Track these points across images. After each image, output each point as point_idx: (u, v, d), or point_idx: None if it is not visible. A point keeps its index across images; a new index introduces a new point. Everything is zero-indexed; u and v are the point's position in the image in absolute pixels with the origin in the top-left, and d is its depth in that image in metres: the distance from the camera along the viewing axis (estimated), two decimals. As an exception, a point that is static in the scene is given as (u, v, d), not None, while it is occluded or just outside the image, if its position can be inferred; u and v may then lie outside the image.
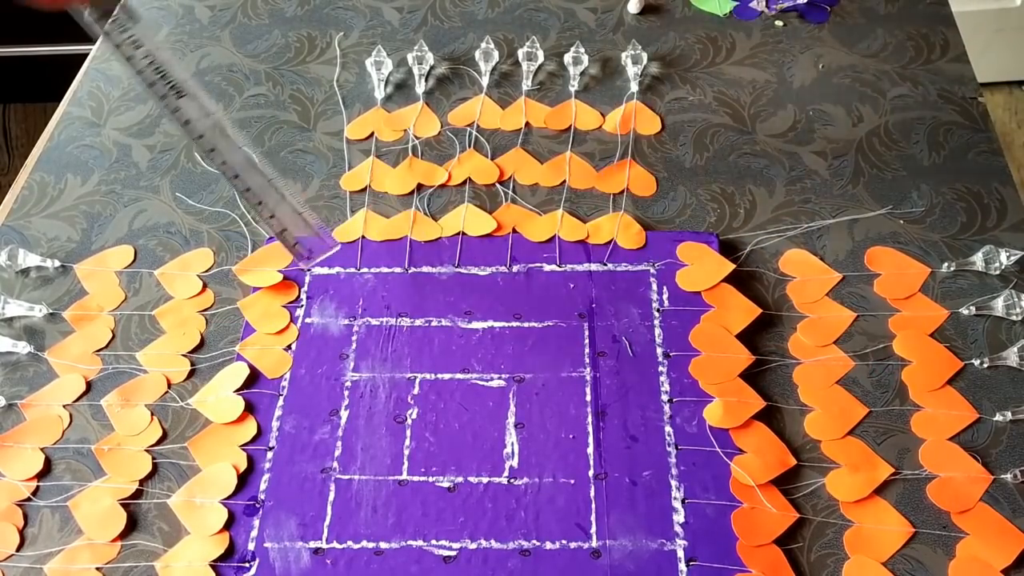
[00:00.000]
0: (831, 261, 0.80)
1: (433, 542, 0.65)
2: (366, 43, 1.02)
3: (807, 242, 0.81)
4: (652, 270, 0.79)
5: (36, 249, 0.83)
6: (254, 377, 0.74)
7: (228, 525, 0.66)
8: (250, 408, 0.73)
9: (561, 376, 0.74)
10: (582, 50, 0.95)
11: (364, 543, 0.65)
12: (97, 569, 0.65)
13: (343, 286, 0.80)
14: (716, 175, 0.87)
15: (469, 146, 0.90)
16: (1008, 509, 0.66)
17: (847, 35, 0.99)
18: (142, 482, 0.69)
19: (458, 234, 0.83)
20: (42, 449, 0.71)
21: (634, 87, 0.94)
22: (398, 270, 0.80)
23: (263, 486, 0.68)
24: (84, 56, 1.03)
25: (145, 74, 0.68)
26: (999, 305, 0.76)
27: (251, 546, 0.65)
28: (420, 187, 0.87)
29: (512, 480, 0.68)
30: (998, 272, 0.78)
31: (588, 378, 0.73)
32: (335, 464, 0.69)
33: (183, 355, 0.76)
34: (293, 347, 0.76)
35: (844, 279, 0.79)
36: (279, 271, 0.80)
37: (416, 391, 0.73)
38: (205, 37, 1.03)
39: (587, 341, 0.75)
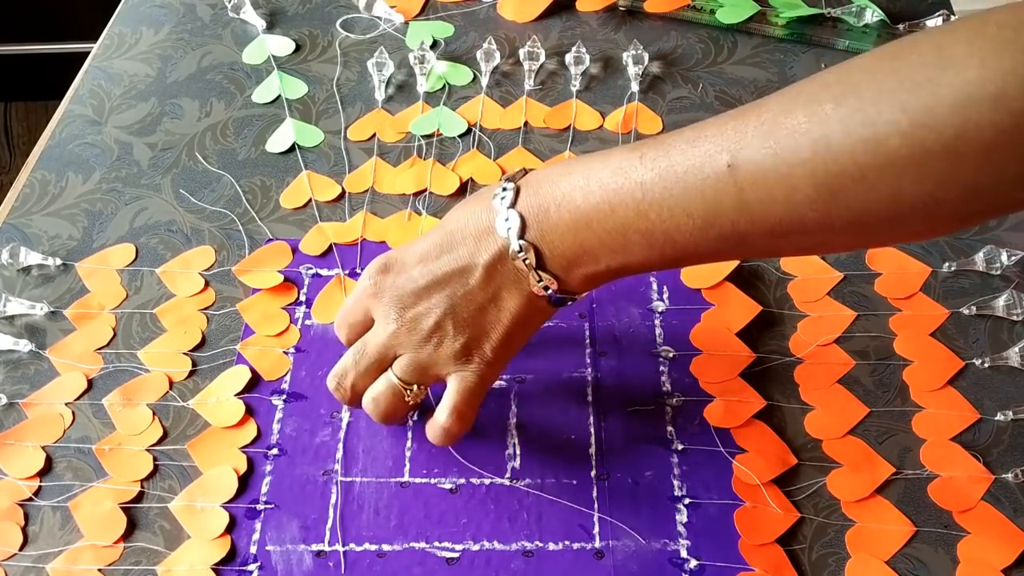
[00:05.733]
0: (832, 260, 0.80)
1: (436, 544, 0.65)
2: (367, 41, 1.01)
3: (808, 241, 0.81)
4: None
5: (37, 247, 0.83)
6: (255, 379, 0.74)
7: (230, 528, 0.67)
8: (250, 410, 0.73)
9: (562, 376, 0.74)
10: (583, 50, 0.95)
11: (367, 545, 0.65)
12: (99, 571, 0.65)
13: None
14: (717, 174, 0.87)
15: (473, 146, 0.90)
16: (1009, 508, 0.66)
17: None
18: (143, 481, 0.69)
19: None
20: (43, 447, 0.71)
21: (635, 87, 0.94)
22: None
23: (264, 489, 0.69)
24: (85, 54, 1.03)
25: None
26: (1000, 305, 0.76)
27: (253, 549, 0.65)
28: (423, 189, 0.87)
29: (514, 481, 0.68)
30: (999, 272, 0.78)
31: (589, 378, 0.73)
32: (337, 466, 0.69)
33: (184, 353, 0.76)
34: (293, 349, 0.76)
35: (845, 278, 0.79)
36: (279, 271, 0.80)
37: (417, 391, 0.73)
38: (207, 35, 1.03)
39: (588, 341, 0.76)
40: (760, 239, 0.54)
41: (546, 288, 0.59)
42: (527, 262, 0.58)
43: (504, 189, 0.59)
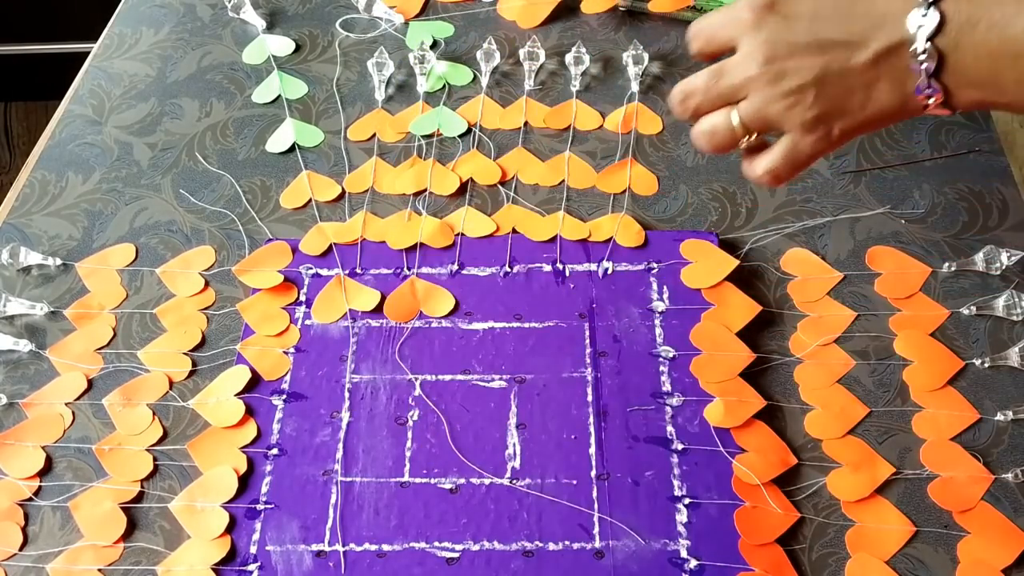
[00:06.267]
0: (832, 260, 0.80)
1: (436, 544, 0.65)
2: (367, 41, 1.01)
3: (808, 241, 0.81)
4: (654, 268, 0.79)
5: (37, 247, 0.83)
6: (255, 379, 0.74)
7: (230, 528, 0.67)
8: (250, 410, 0.73)
9: (562, 376, 0.74)
10: (583, 50, 0.95)
11: (367, 545, 0.65)
12: (99, 571, 0.65)
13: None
14: (718, 174, 0.87)
15: (473, 146, 0.90)
16: (1009, 508, 0.66)
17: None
18: (143, 481, 0.69)
19: (458, 235, 0.83)
20: (43, 447, 0.71)
21: (635, 87, 0.94)
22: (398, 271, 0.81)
23: (264, 489, 0.69)
24: (85, 54, 1.03)
25: None
26: (999, 305, 0.76)
27: (253, 549, 0.65)
28: (423, 189, 0.87)
29: (514, 481, 0.68)
30: (999, 272, 0.78)
31: (589, 378, 0.73)
32: (337, 466, 0.69)
33: (184, 353, 0.76)
34: (293, 349, 0.76)
35: (845, 278, 0.79)
36: (279, 271, 0.80)
37: (417, 392, 0.73)
38: (206, 35, 1.03)
39: (588, 341, 0.76)
40: None
41: (929, 97, 0.55)
42: (925, 67, 0.53)
43: None
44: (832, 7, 0.56)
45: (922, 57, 0.53)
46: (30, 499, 0.69)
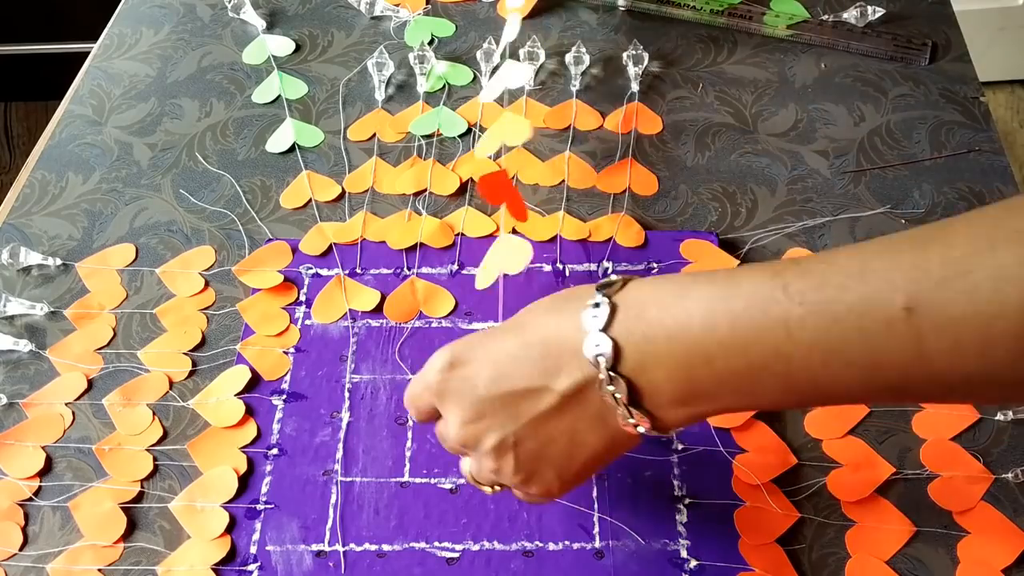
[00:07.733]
0: (832, 260, 0.80)
1: (436, 544, 0.66)
2: (367, 42, 1.01)
3: (808, 241, 0.81)
4: (654, 268, 0.79)
5: (37, 247, 0.83)
6: (255, 379, 0.74)
7: (230, 528, 0.67)
8: (250, 410, 0.73)
9: (562, 376, 0.73)
10: (583, 50, 0.95)
11: (367, 545, 0.65)
12: (99, 571, 0.65)
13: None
14: (717, 174, 0.87)
15: (473, 146, 0.90)
16: (1009, 508, 0.66)
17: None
18: (143, 481, 0.69)
19: (458, 235, 0.83)
20: (43, 447, 0.71)
21: (635, 87, 0.94)
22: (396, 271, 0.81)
23: (264, 489, 0.69)
24: (85, 54, 1.03)
25: None
26: (1000, 305, 0.76)
27: (253, 549, 0.66)
28: (423, 189, 0.87)
29: (514, 481, 0.68)
30: (999, 272, 0.78)
31: (589, 378, 0.73)
32: (337, 466, 0.69)
33: (184, 353, 0.76)
34: (293, 349, 0.76)
35: (845, 279, 0.79)
36: (279, 271, 0.80)
37: (418, 392, 0.73)
38: (207, 35, 1.03)
39: (588, 341, 0.75)
40: (935, 391, 0.47)
41: (636, 426, 0.50)
42: (618, 397, 0.49)
43: (597, 305, 0.49)
44: (508, 355, 0.53)
45: (610, 388, 0.49)
46: (30, 499, 0.69)
